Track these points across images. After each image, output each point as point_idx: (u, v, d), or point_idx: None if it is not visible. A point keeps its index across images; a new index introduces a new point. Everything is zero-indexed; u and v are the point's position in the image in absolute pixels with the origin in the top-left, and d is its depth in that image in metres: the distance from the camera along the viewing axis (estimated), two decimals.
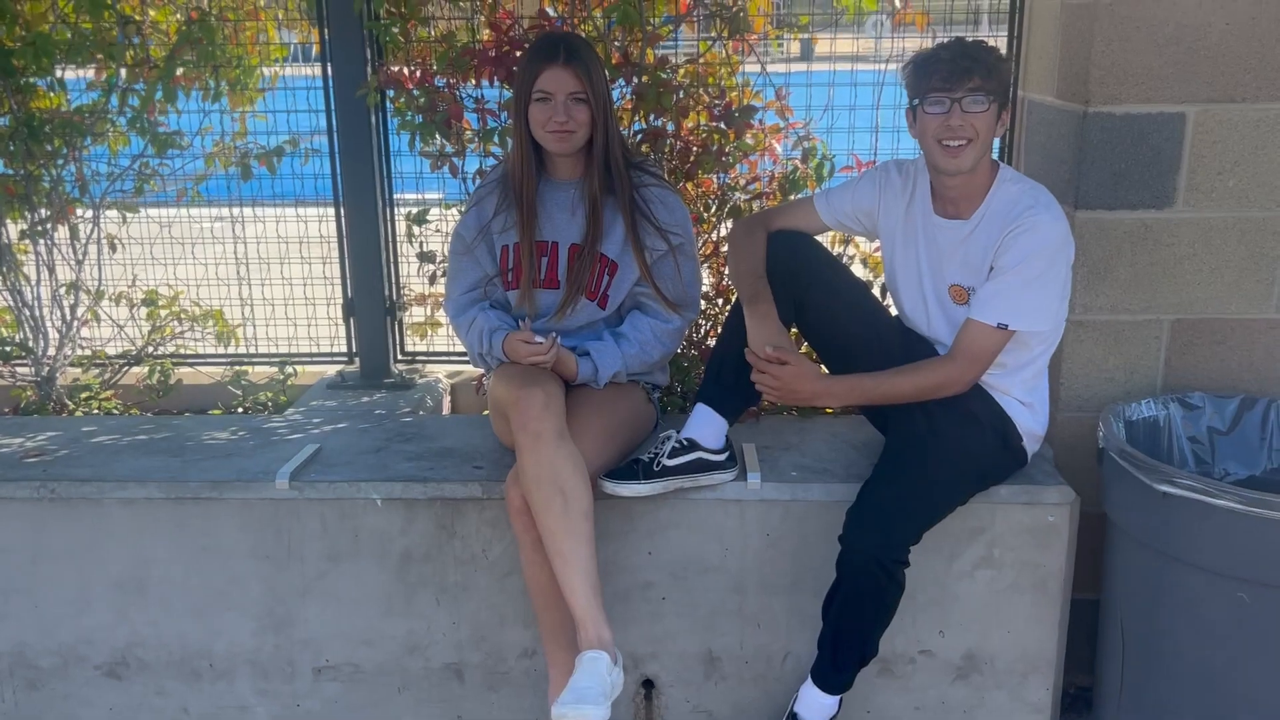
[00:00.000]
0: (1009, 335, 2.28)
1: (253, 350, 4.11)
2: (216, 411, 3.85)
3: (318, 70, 3.55)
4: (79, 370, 3.87)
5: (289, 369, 3.88)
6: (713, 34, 3.17)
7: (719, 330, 3.21)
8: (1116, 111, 2.52)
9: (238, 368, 3.95)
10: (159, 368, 3.87)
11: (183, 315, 3.93)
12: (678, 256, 2.56)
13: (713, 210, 3.26)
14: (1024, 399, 2.41)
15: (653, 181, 2.57)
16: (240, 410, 3.87)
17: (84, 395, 3.75)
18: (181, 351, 3.99)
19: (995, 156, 2.38)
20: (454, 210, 3.60)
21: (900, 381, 2.33)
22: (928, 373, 2.33)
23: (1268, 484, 2.53)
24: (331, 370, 3.90)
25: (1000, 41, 3.11)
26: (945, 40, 2.34)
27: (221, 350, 4.02)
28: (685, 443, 2.44)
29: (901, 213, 2.45)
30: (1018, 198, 2.29)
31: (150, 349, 3.93)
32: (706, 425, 2.45)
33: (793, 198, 3.21)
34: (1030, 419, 2.43)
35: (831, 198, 2.55)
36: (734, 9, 3.07)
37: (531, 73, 2.42)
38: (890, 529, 2.25)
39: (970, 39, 2.30)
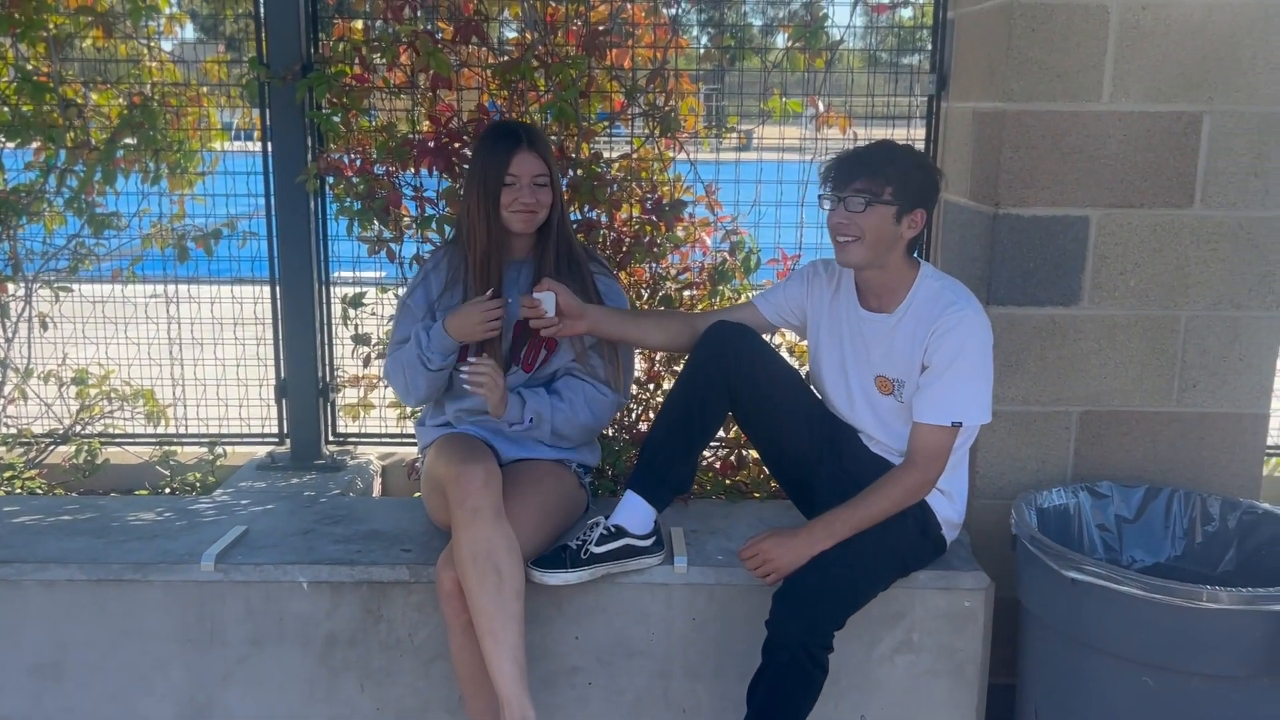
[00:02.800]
0: (958, 430, 2.38)
1: (182, 430, 4.08)
2: (143, 492, 3.80)
3: (258, 147, 3.59)
4: (3, 449, 3.81)
5: (218, 449, 3.86)
6: (646, 131, 3.29)
7: (651, 416, 3.28)
8: (1024, 214, 2.66)
9: (166, 448, 3.91)
10: (86, 447, 3.83)
11: (113, 394, 3.90)
12: (619, 347, 2.66)
13: (645, 298, 3.35)
14: (944, 487, 2.48)
15: (601, 272, 2.70)
16: (168, 491, 3.82)
17: (7, 474, 3.68)
18: (110, 431, 3.95)
19: (916, 254, 2.49)
20: (390, 294, 3.65)
21: (876, 501, 2.38)
22: (896, 486, 2.39)
23: (1172, 571, 2.62)
24: (262, 451, 3.88)
25: (920, 145, 3.27)
26: (864, 144, 2.47)
27: (151, 430, 3.98)
28: (613, 529, 2.47)
29: (826, 305, 2.56)
30: (939, 294, 2.40)
31: (78, 428, 3.88)
32: (635, 512, 2.49)
33: (723, 288, 3.33)
34: (949, 508, 2.51)
35: (769, 295, 2.67)
36: (665, 108, 3.20)
37: (503, 158, 2.54)
38: (817, 615, 2.29)
39: (882, 143, 2.44)
